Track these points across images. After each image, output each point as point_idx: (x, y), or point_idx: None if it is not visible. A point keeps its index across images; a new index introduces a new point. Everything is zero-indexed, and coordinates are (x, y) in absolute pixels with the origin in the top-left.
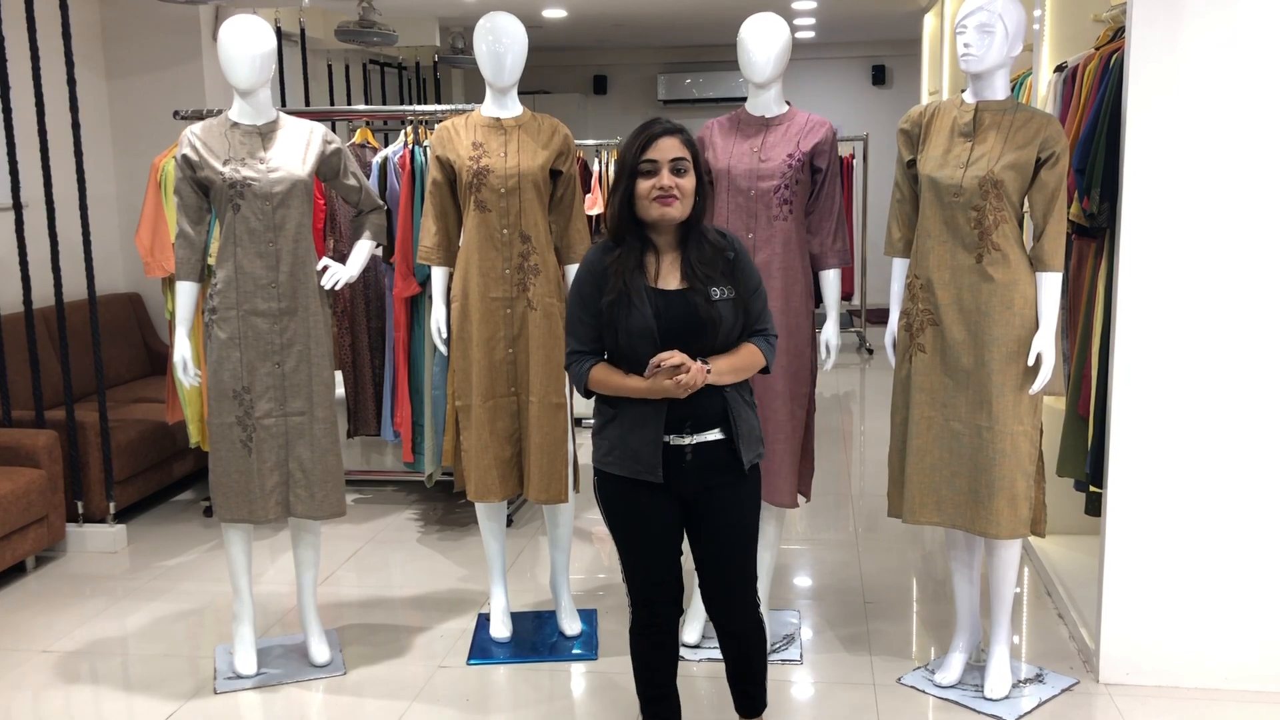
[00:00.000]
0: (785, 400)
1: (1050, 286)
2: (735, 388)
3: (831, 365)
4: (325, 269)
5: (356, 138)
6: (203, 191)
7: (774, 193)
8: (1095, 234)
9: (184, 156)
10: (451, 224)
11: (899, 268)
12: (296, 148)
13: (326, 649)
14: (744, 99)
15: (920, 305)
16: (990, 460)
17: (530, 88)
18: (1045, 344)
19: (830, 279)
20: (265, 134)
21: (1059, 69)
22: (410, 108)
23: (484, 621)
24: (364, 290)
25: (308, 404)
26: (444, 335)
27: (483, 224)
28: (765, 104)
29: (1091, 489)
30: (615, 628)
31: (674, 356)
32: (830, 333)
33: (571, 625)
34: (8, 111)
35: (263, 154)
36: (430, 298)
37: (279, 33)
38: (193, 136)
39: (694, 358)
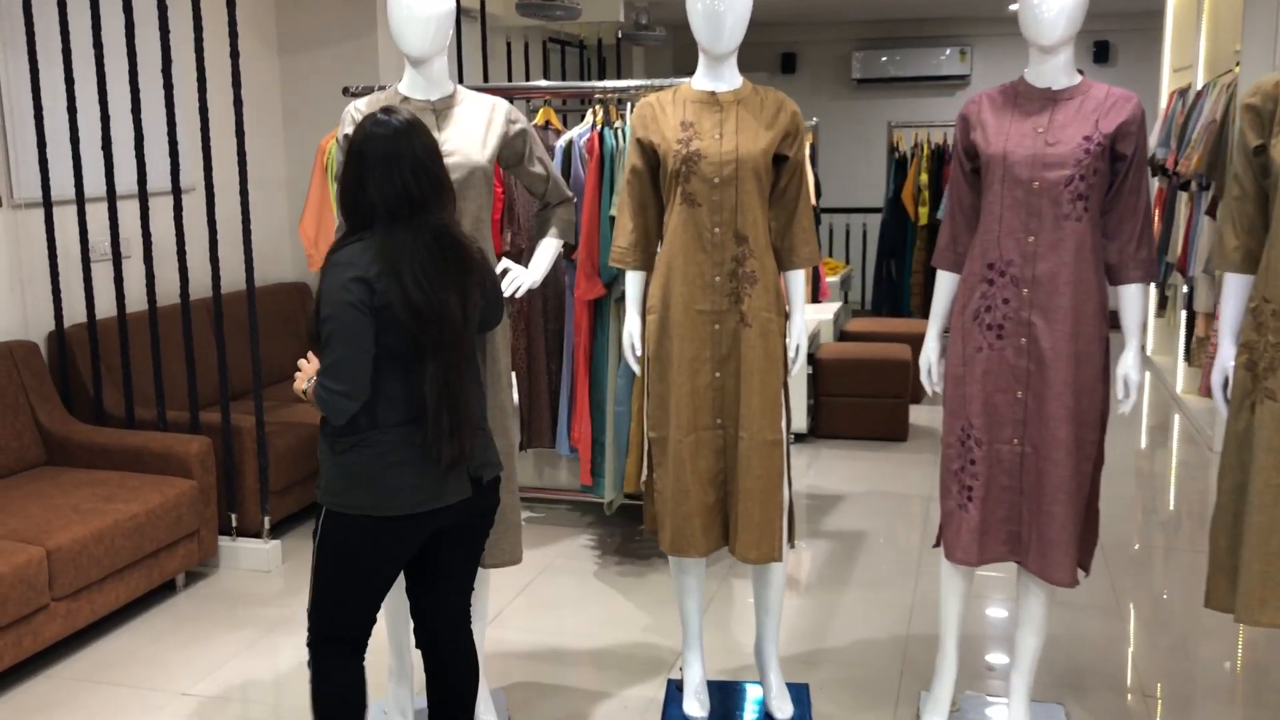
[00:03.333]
0: (1069, 450)
1: None
2: None
3: (1130, 407)
4: (504, 272)
5: (539, 118)
6: None
7: (1064, 185)
8: None
9: (347, 136)
10: (651, 220)
11: (1235, 286)
12: (475, 128)
13: (494, 716)
14: (945, 77)
15: (1271, 338)
16: None
17: None
18: None
19: (1132, 296)
20: (440, 111)
21: None
22: (599, 83)
23: (675, 692)
24: (542, 289)
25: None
26: (637, 353)
27: (690, 221)
28: (1053, 73)
29: None
30: (833, 710)
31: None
32: (1130, 365)
33: (782, 708)
34: (169, 88)
35: (437, 134)
36: (617, 302)
37: (459, 7)
38: (356, 113)
39: None
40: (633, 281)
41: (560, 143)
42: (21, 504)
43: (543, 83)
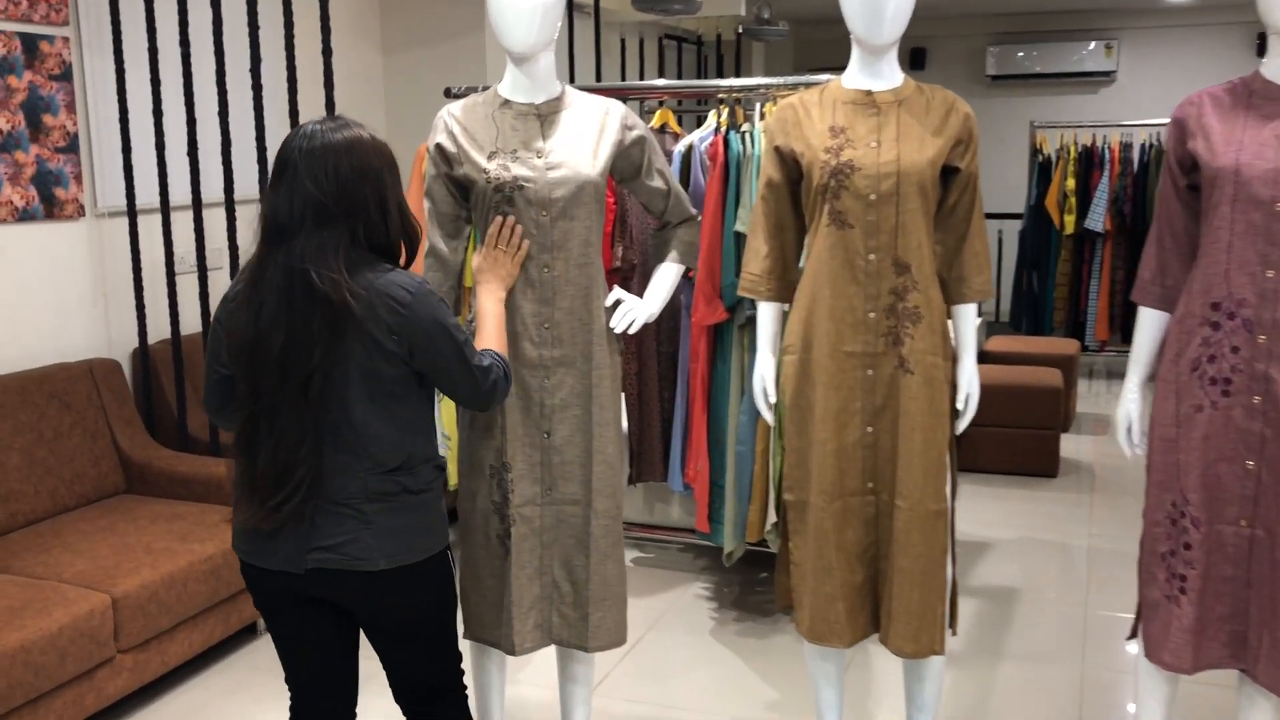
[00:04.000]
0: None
1: None
2: None
3: None
4: (617, 304)
5: (655, 120)
6: (461, 194)
7: None
8: None
9: (438, 147)
10: (789, 243)
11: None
12: (586, 135)
13: None
14: (1089, 74)
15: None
16: None
17: (834, 63)
18: None
19: None
20: (546, 116)
21: None
22: (724, 81)
23: None
24: None
25: (584, 490)
26: (770, 399)
27: (840, 245)
28: None
29: None
30: None
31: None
32: None
33: None
34: (258, 89)
35: (541, 143)
36: (741, 329)
37: (571, 3)
38: (450, 119)
39: None
40: (766, 315)
41: (679, 148)
42: (92, 541)
43: (660, 81)
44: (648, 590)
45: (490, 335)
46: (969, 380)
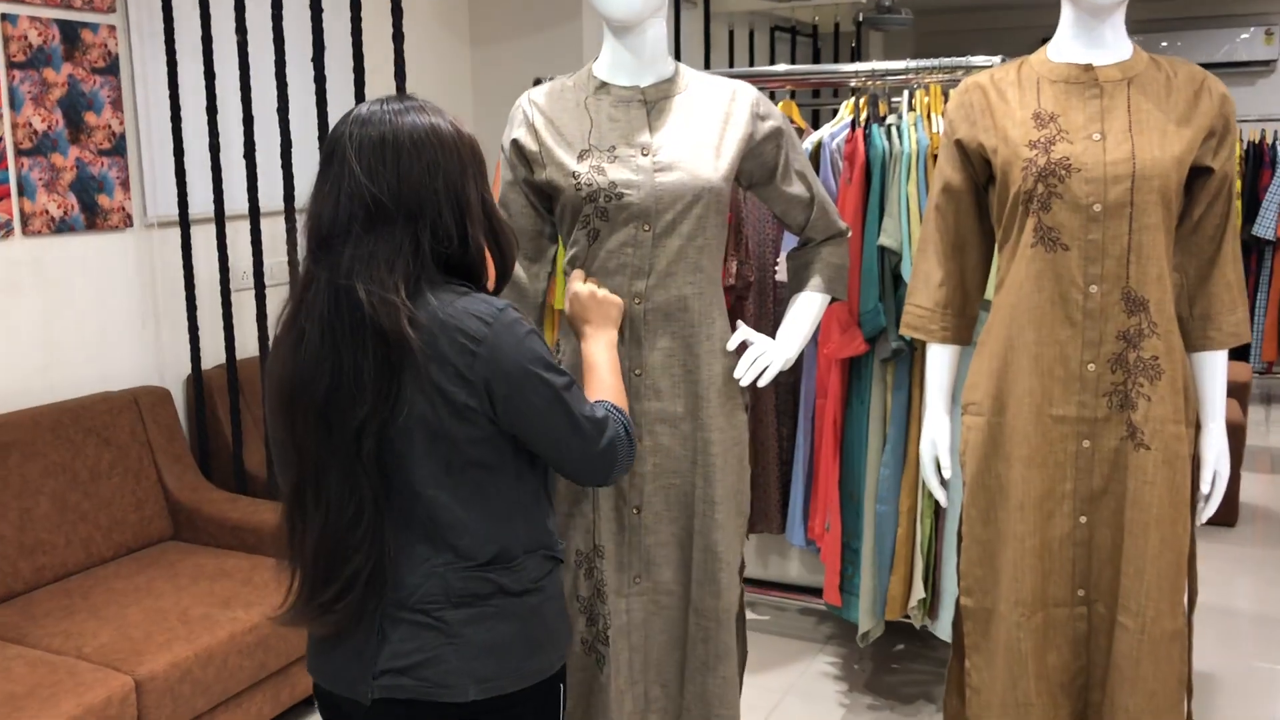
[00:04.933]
0: None
1: None
2: None
3: None
4: (743, 347)
5: None
6: (544, 204)
7: None
8: None
9: (514, 144)
10: (972, 268)
11: None
12: (707, 127)
13: None
14: (1245, 63)
15: None
16: None
17: (954, 53)
18: None
19: None
20: (654, 103)
21: None
22: (863, 65)
23: None
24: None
25: (680, 580)
26: (945, 473)
27: (1049, 272)
28: None
29: None
30: None
31: None
32: None
33: None
34: (321, 80)
35: (647, 138)
36: (884, 363)
37: None
38: (531, 108)
39: None
40: (939, 362)
41: (806, 145)
42: (123, 605)
43: (779, 68)
44: (762, 664)
45: (604, 385)
46: (1218, 455)
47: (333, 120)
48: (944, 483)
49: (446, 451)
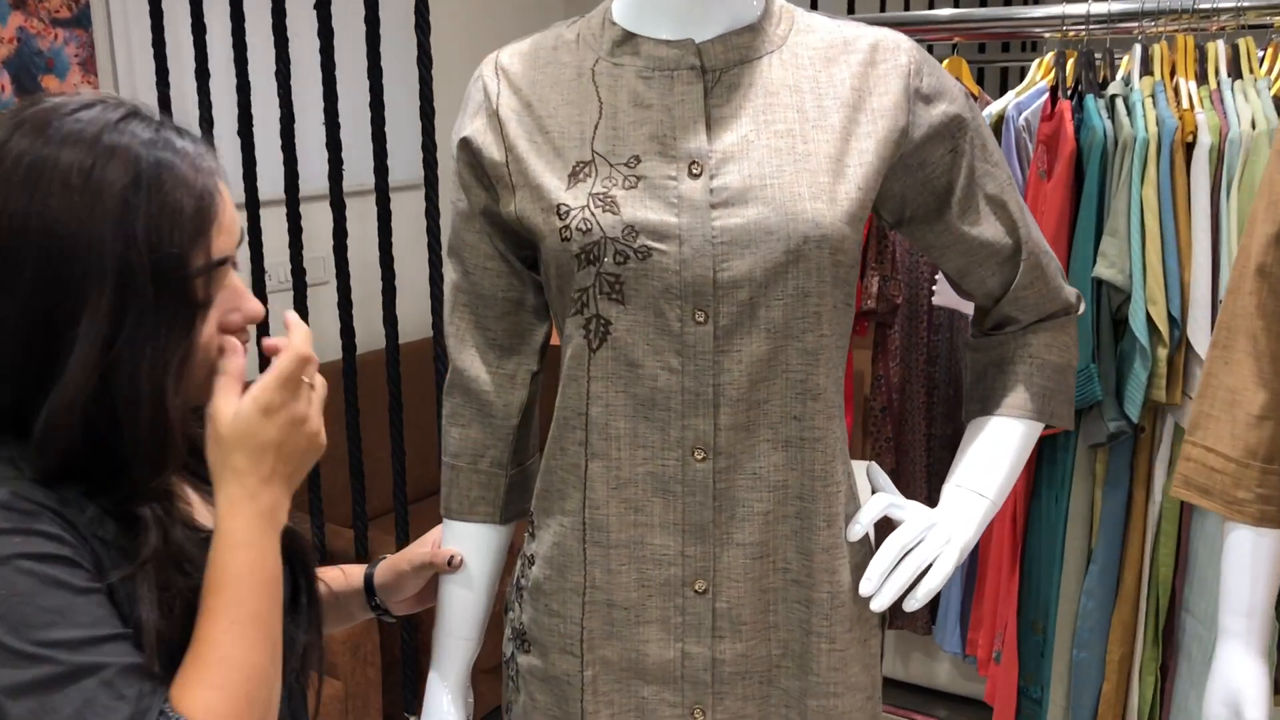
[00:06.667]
0: None
1: None
2: None
3: None
4: (884, 524)
5: None
6: (520, 253)
7: None
8: None
9: (464, 144)
10: None
11: None
12: (820, 118)
13: None
14: None
15: None
16: None
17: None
18: None
19: None
20: (721, 74)
21: None
22: (1074, 6)
23: None
24: (927, 366)
25: None
26: None
27: None
28: None
29: None
30: None
31: None
32: None
33: None
34: (426, 65)
35: (703, 141)
36: (1095, 449)
37: None
38: (496, 80)
39: None
40: (1256, 557)
41: None
42: None
43: (944, 12)
44: None
45: (219, 652)
46: None
47: (346, 88)
48: None
49: None
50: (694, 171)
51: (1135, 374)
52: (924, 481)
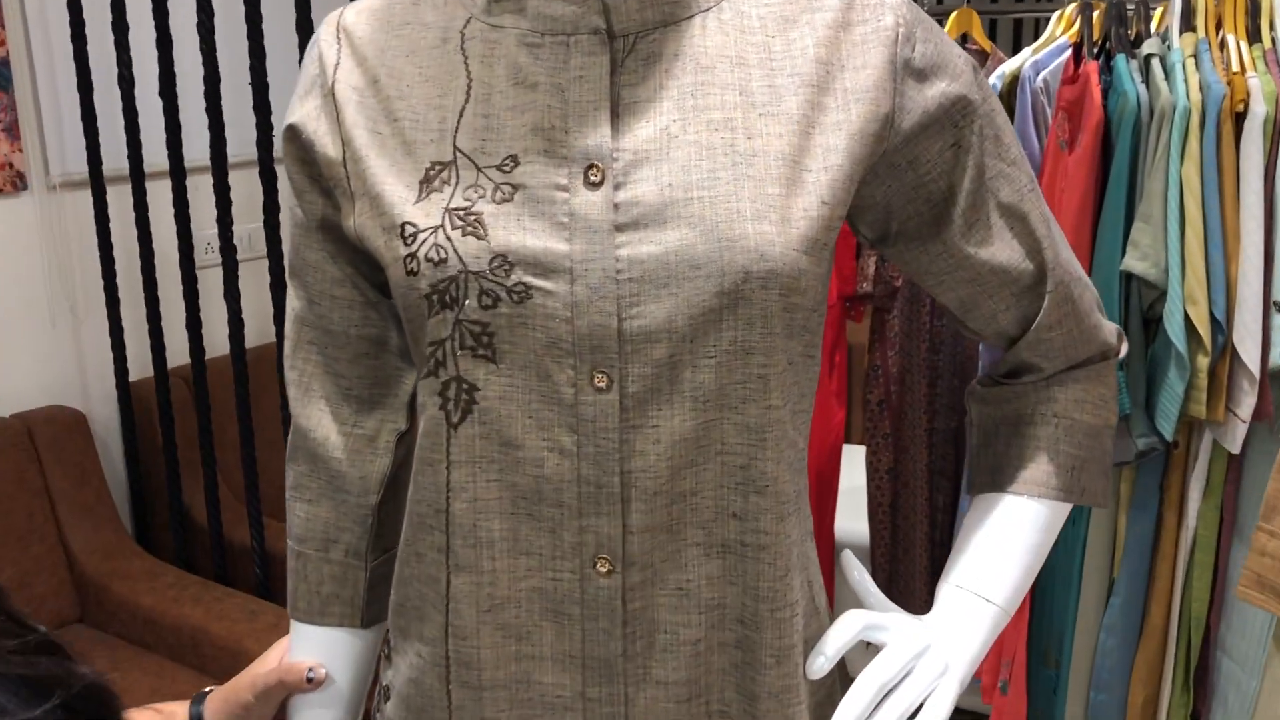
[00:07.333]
0: None
1: None
2: None
3: None
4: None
5: (948, 33)
6: (375, 277)
7: None
8: None
9: (291, 131)
10: None
11: None
12: (771, 100)
13: None
14: None
15: None
16: None
17: None
18: None
19: None
20: (635, 39)
21: None
22: None
23: None
24: (929, 355)
25: None
26: None
27: None
28: None
29: None
30: None
31: None
32: None
33: None
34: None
35: (606, 135)
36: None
37: None
38: (336, 47)
39: None
40: None
41: (993, 81)
42: None
43: None
44: None
45: None
46: None
47: (275, 36)
48: None
49: None
50: (592, 179)
51: (1170, 385)
52: (925, 481)
